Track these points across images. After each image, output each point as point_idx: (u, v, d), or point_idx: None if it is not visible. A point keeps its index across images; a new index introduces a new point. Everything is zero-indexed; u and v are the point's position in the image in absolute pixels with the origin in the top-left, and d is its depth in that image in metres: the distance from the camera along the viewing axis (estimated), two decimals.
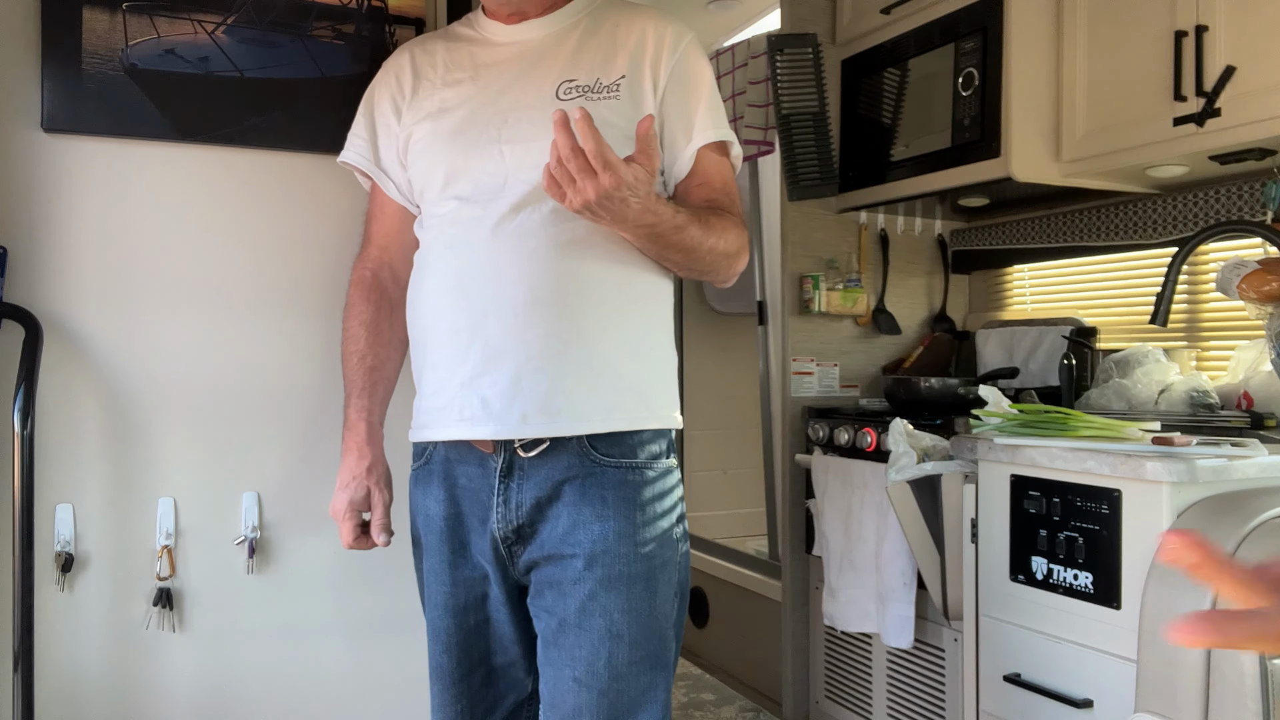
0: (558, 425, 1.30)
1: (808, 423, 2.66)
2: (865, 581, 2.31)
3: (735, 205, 1.44)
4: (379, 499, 1.47)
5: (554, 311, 1.30)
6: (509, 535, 1.33)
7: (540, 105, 1.36)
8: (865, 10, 2.62)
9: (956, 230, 2.95)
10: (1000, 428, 2.01)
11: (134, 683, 1.67)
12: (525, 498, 1.32)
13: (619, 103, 1.35)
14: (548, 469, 1.31)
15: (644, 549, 1.30)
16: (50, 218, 1.63)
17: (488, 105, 1.40)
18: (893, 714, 2.35)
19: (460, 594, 1.40)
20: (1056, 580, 1.80)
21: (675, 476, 1.39)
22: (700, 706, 2.96)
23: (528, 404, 1.29)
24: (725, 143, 1.45)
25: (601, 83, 1.37)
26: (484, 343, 1.31)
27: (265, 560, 1.75)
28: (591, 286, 1.32)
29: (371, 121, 1.50)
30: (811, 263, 2.79)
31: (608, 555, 1.29)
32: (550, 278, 1.30)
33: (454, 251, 1.35)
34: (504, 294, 1.30)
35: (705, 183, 1.43)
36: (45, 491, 1.60)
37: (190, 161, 1.71)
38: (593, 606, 1.28)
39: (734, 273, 1.42)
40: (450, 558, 1.39)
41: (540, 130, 1.32)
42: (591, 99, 1.35)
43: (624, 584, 1.29)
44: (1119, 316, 2.53)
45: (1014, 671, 1.88)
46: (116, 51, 1.64)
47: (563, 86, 1.38)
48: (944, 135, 2.35)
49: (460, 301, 1.33)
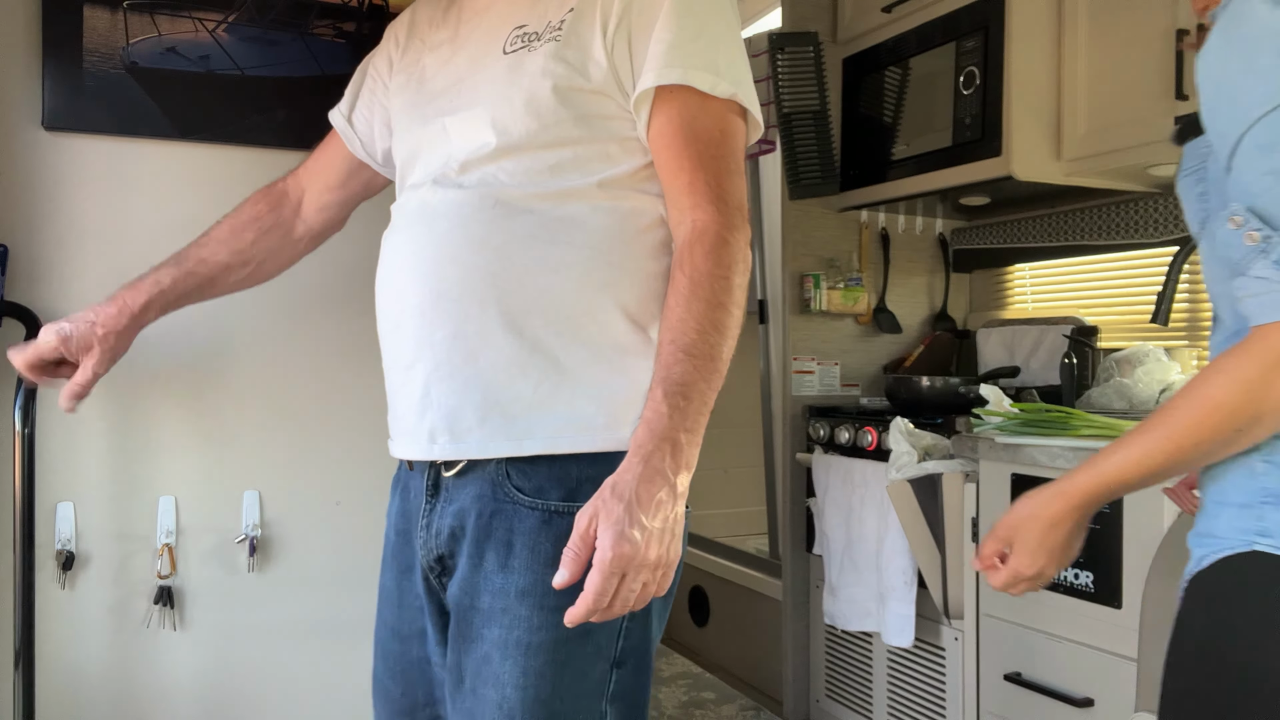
0: (464, 447, 1.09)
1: (808, 421, 2.66)
2: (866, 580, 2.31)
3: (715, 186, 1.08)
4: (92, 362, 1.30)
5: (460, 309, 1.08)
6: (433, 564, 1.14)
7: (488, 63, 1.16)
8: (866, 9, 2.62)
9: (957, 229, 2.95)
10: (1001, 427, 2.01)
11: (134, 680, 1.67)
12: (444, 524, 1.12)
13: (558, 45, 1.11)
14: (464, 495, 1.10)
15: (555, 614, 1.01)
16: (51, 216, 1.63)
17: (448, 69, 1.21)
18: (893, 713, 2.35)
19: (406, 620, 1.21)
20: (1057, 580, 1.80)
21: None
22: (701, 705, 2.96)
23: (436, 420, 1.10)
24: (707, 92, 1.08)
25: (551, 24, 1.13)
26: (400, 348, 1.15)
27: (266, 558, 1.75)
28: (513, 275, 1.08)
29: (361, 78, 1.39)
30: (812, 261, 2.78)
31: (506, 615, 1.05)
32: (458, 268, 1.09)
33: (387, 241, 1.20)
34: (412, 290, 1.12)
35: (664, 149, 1.09)
36: (46, 490, 1.60)
37: (191, 159, 1.71)
38: (486, 673, 1.05)
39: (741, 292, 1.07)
40: (398, 577, 1.22)
41: (480, 95, 1.14)
42: (534, 47, 1.12)
43: (520, 653, 1.04)
44: (1120, 315, 2.53)
45: (1014, 670, 1.88)
46: (117, 50, 1.64)
47: (511, 35, 1.16)
48: (945, 134, 2.34)
49: (384, 300, 1.18)
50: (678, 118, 1.09)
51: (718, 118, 1.09)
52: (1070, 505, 0.98)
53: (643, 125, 1.10)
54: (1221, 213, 0.90)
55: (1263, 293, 0.82)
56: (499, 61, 1.15)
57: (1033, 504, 1.01)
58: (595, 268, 1.09)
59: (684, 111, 1.09)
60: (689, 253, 1.05)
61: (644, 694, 1.12)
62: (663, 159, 1.10)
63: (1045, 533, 1.00)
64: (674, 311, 1.03)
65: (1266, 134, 0.82)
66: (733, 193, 1.08)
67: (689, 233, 1.06)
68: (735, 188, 1.09)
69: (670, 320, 1.03)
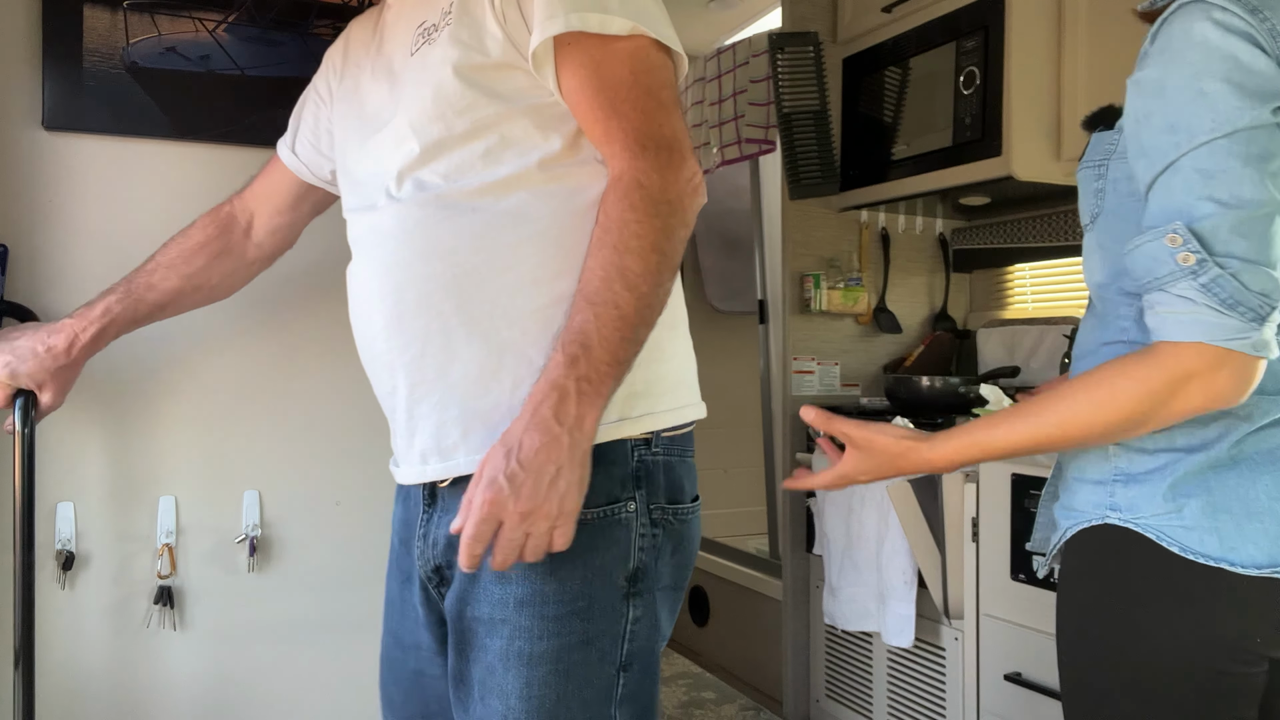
0: (454, 464, 1.07)
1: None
2: (866, 580, 2.31)
3: (631, 130, 1.01)
4: (48, 398, 1.33)
5: (421, 325, 1.06)
6: (430, 575, 1.13)
7: (402, 70, 1.13)
8: (866, 9, 2.62)
9: (958, 229, 2.95)
10: None
11: (135, 681, 1.67)
12: (440, 535, 1.11)
13: (452, 28, 1.07)
14: (459, 505, 1.05)
15: (555, 623, 1.02)
16: (51, 216, 1.63)
17: (377, 87, 1.18)
18: (893, 713, 2.35)
19: (406, 630, 1.20)
20: (1057, 579, 1.80)
21: (629, 521, 1.06)
22: (701, 705, 2.96)
23: (424, 441, 1.09)
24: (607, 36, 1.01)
25: (444, 10, 1.09)
26: (379, 376, 1.14)
27: (266, 558, 1.75)
28: (468, 281, 1.05)
29: (302, 106, 1.39)
30: (812, 261, 2.78)
31: (507, 626, 1.03)
32: (413, 284, 1.07)
33: (349, 273, 1.19)
34: (376, 316, 1.11)
35: (577, 105, 1.04)
36: (46, 489, 1.60)
37: (191, 159, 1.71)
38: (491, 684, 1.04)
39: (663, 235, 1.00)
40: (400, 586, 1.21)
41: (400, 105, 1.11)
42: (434, 39, 1.09)
43: (523, 664, 1.02)
44: None
45: (1014, 670, 1.88)
46: (117, 49, 1.64)
47: (415, 36, 1.13)
48: (945, 134, 2.34)
49: (357, 331, 1.17)
50: (581, 69, 1.02)
51: (624, 58, 1.02)
52: (934, 469, 1.07)
53: (554, 87, 1.05)
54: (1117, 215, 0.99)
55: (1183, 312, 0.87)
56: (409, 65, 1.12)
57: (900, 454, 1.08)
58: (549, 258, 1.04)
59: (585, 61, 1.02)
60: (603, 202, 1.01)
61: (653, 694, 1.10)
62: (579, 115, 1.05)
63: (893, 474, 1.10)
64: (585, 260, 1.00)
65: (1211, 160, 0.86)
66: (655, 133, 1.01)
67: (608, 183, 1.02)
68: (658, 126, 1.02)
69: (582, 269, 1.00)
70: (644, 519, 1.08)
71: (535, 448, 0.94)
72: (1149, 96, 0.92)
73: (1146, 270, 0.90)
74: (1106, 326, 1.04)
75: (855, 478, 1.12)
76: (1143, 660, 0.96)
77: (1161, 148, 0.90)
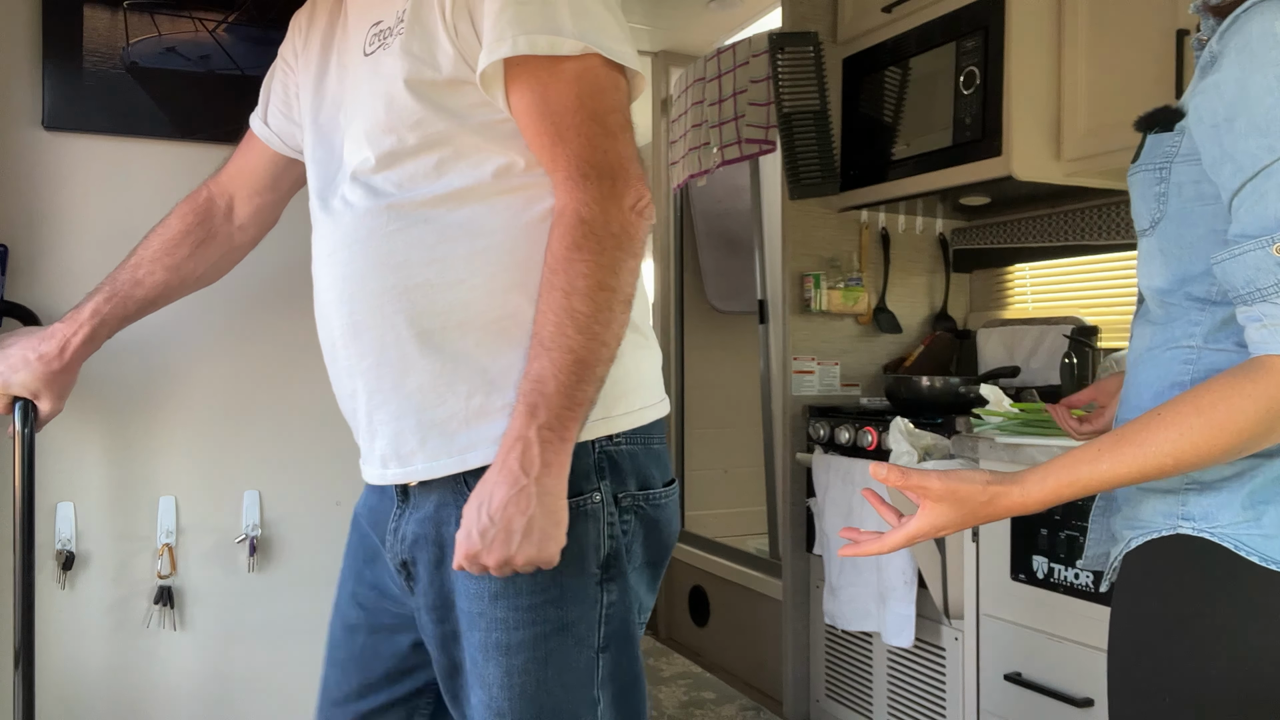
0: (413, 470, 1.08)
1: (809, 421, 2.66)
2: (866, 580, 2.31)
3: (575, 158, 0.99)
4: (47, 408, 1.33)
5: (377, 336, 1.06)
6: (399, 568, 1.14)
7: (355, 68, 1.11)
8: (866, 9, 2.62)
9: (958, 229, 2.95)
10: (1001, 427, 2.01)
11: (134, 681, 1.67)
12: (408, 531, 1.12)
13: (405, 37, 1.04)
14: (429, 503, 1.10)
15: (530, 612, 1.04)
16: (51, 215, 1.63)
17: (330, 76, 1.17)
18: (893, 713, 2.35)
19: (363, 593, 1.23)
20: (1057, 579, 1.80)
21: (596, 511, 1.07)
22: (701, 705, 2.96)
23: (383, 446, 1.10)
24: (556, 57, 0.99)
25: (398, 14, 1.06)
26: (339, 379, 1.15)
27: (266, 558, 1.75)
28: (421, 292, 1.04)
29: (272, 76, 1.36)
30: (812, 261, 2.78)
31: (483, 619, 1.05)
32: (368, 294, 1.06)
33: (313, 272, 1.18)
34: (335, 322, 1.11)
35: (525, 129, 1.02)
36: (46, 489, 1.60)
37: (191, 159, 1.71)
38: (474, 675, 1.06)
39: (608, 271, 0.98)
40: (359, 567, 1.23)
41: (356, 107, 1.10)
42: (389, 45, 1.06)
43: (502, 654, 1.04)
44: (1120, 315, 2.53)
45: (1014, 670, 1.88)
46: (117, 49, 1.64)
47: (370, 35, 1.10)
48: (945, 134, 2.34)
49: (320, 331, 1.17)
50: (529, 93, 1.00)
51: (572, 80, 0.99)
52: (1028, 512, 0.98)
53: (504, 106, 1.03)
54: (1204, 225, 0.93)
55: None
56: (362, 66, 1.10)
57: (987, 501, 0.96)
58: (502, 270, 1.04)
59: (533, 84, 1.00)
60: (550, 237, 1.00)
61: (635, 671, 1.11)
62: (527, 138, 1.03)
63: (980, 522, 1.00)
64: (538, 300, 0.99)
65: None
66: (599, 160, 0.99)
67: (554, 216, 1.00)
68: (602, 153, 1.00)
69: (535, 309, 0.99)
70: (611, 508, 1.08)
71: (503, 501, 0.96)
72: (1230, 99, 0.87)
73: (1247, 281, 0.86)
74: (1170, 333, 1.00)
75: (934, 534, 1.00)
76: (1219, 677, 0.91)
77: (1251, 151, 0.86)
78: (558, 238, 0.98)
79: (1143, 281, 1.04)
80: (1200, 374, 0.96)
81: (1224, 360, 0.94)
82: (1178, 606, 0.94)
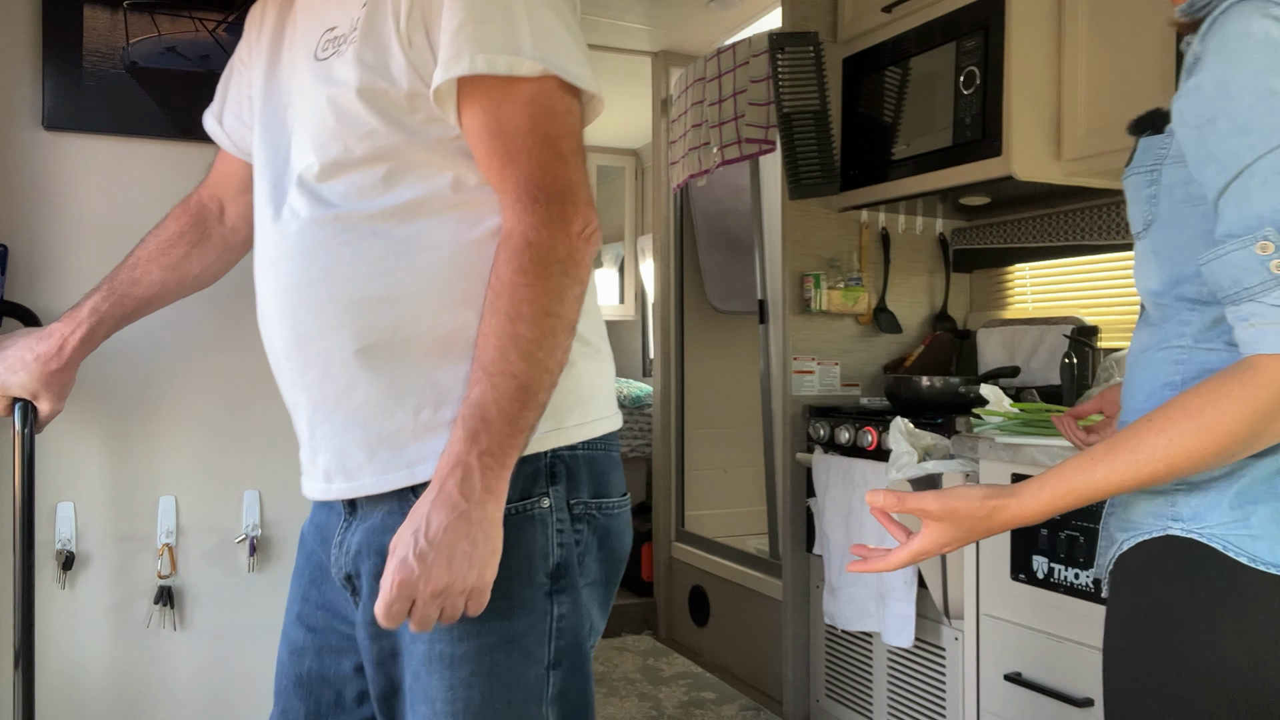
0: (359, 484, 1.06)
1: (809, 421, 2.66)
2: (866, 580, 2.31)
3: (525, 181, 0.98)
4: (46, 409, 1.32)
5: (321, 349, 1.05)
6: (343, 582, 1.10)
7: (305, 71, 1.09)
8: (866, 9, 2.62)
9: (958, 229, 2.95)
10: (1001, 427, 2.01)
11: (135, 681, 1.67)
12: (353, 542, 1.08)
13: (358, 46, 1.02)
14: (376, 514, 1.07)
15: (476, 624, 1.00)
16: (51, 215, 1.63)
17: (279, 76, 1.15)
18: (893, 713, 2.35)
19: (298, 634, 1.19)
20: (1057, 579, 1.80)
21: (544, 516, 1.05)
22: (701, 705, 2.96)
23: (328, 461, 1.08)
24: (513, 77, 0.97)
25: (353, 21, 1.04)
26: (283, 390, 1.13)
27: (266, 558, 1.75)
28: (368, 306, 1.02)
29: (229, 74, 1.35)
30: (812, 261, 2.79)
31: (427, 631, 1.00)
32: (312, 307, 1.04)
33: (255, 278, 1.14)
34: (278, 334, 1.09)
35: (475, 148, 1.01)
36: (46, 489, 1.60)
37: (191, 159, 1.71)
38: (417, 689, 1.03)
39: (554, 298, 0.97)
40: (305, 588, 1.19)
41: (303, 111, 1.08)
42: (342, 51, 1.04)
43: (445, 667, 1.01)
44: (1120, 315, 2.53)
45: (1014, 670, 1.88)
46: (117, 49, 1.64)
47: (322, 40, 1.08)
48: (945, 134, 2.34)
49: (265, 341, 1.14)
50: (481, 112, 0.99)
51: (525, 102, 0.98)
52: (1027, 524, 0.98)
53: (455, 123, 1.01)
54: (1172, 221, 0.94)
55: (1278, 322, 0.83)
56: (314, 70, 1.08)
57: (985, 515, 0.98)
58: (450, 285, 1.02)
59: (487, 104, 0.98)
60: (495, 259, 0.98)
61: (586, 693, 1.08)
62: (478, 157, 1.02)
63: (981, 537, 1.00)
64: (480, 323, 0.98)
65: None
66: (548, 184, 0.98)
67: (500, 238, 0.99)
68: (551, 178, 0.98)
69: (478, 332, 0.98)
70: (562, 514, 1.06)
71: (443, 525, 0.93)
72: (1211, 99, 0.87)
73: (1233, 281, 0.86)
74: (1163, 333, 1.00)
75: (939, 552, 1.01)
76: (1205, 678, 0.91)
77: (1233, 151, 0.86)
78: (504, 260, 0.97)
79: (1139, 284, 1.04)
80: (1191, 373, 0.96)
81: (1214, 359, 0.94)
82: (1167, 607, 0.94)
